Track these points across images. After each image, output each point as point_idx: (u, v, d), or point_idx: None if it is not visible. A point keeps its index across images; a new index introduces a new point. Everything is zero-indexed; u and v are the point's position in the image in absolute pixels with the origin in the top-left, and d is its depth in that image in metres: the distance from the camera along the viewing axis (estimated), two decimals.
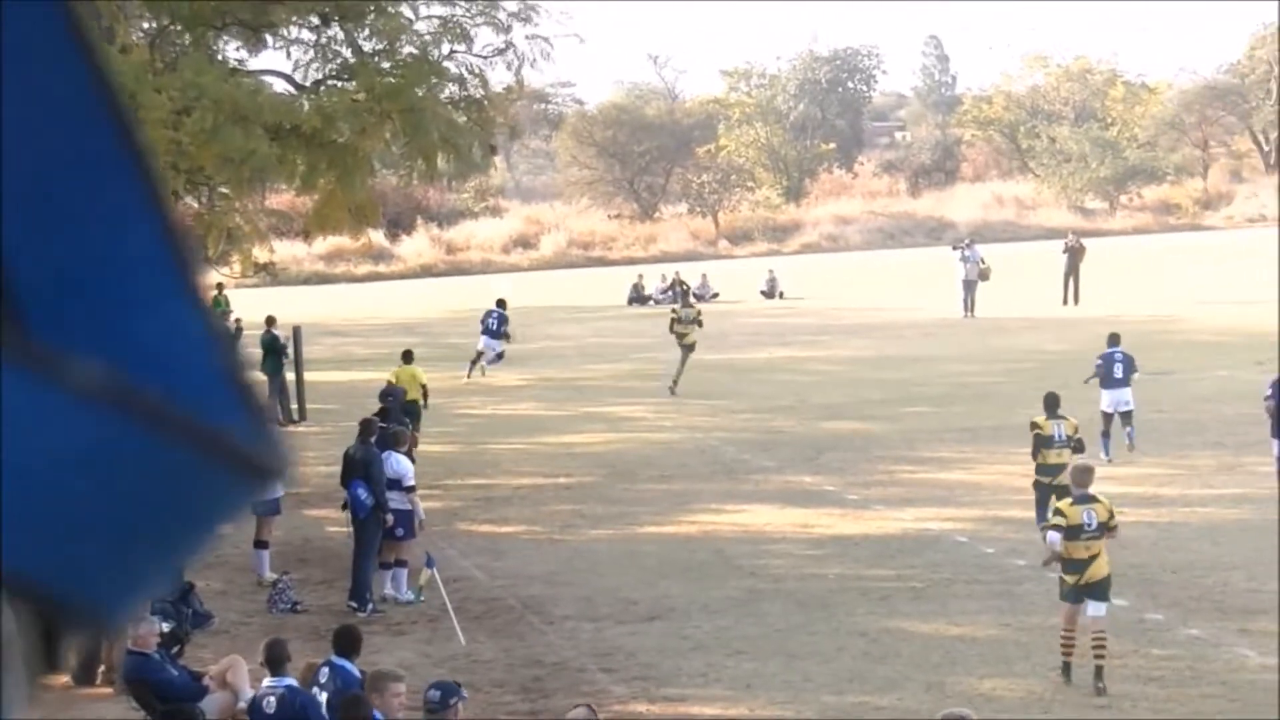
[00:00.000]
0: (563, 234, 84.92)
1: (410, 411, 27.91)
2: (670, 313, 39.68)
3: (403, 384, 29.13)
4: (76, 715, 15.89)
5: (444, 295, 64.56)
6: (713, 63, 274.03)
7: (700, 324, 37.69)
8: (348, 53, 29.34)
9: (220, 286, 41.08)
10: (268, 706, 13.35)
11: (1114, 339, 27.79)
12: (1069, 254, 53.28)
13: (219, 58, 28.93)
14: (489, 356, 39.79)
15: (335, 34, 29.22)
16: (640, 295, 61.37)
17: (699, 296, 46.11)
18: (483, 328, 40.02)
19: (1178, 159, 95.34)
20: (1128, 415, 26.95)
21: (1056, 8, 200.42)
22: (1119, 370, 27.06)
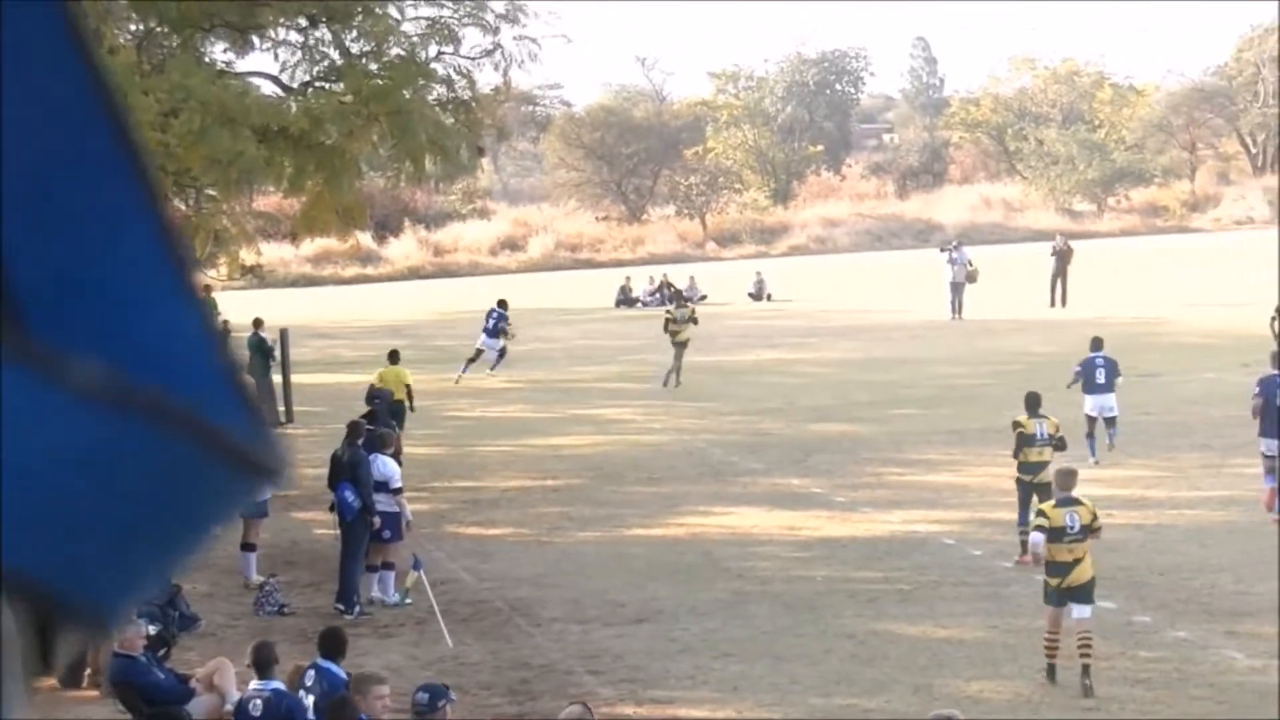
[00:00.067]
0: (550, 236, 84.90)
1: (395, 413, 27.87)
2: (665, 313, 40.02)
3: (388, 385, 29.06)
4: (63, 717, 15.86)
5: (431, 297, 64.57)
6: (700, 65, 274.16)
7: (695, 321, 38.50)
8: (335, 54, 29.34)
9: (208, 289, 41.02)
10: (254, 709, 13.33)
11: (1096, 343, 27.62)
12: (1057, 256, 53.28)
13: (206, 59, 28.89)
14: (491, 358, 39.88)
15: (323, 35, 29.20)
16: (628, 297, 61.42)
17: (687, 299, 46.23)
18: (483, 327, 40.33)
19: (1165, 161, 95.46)
20: (1112, 420, 26.95)
21: (1043, 9, 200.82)
22: (1101, 375, 27.00)
